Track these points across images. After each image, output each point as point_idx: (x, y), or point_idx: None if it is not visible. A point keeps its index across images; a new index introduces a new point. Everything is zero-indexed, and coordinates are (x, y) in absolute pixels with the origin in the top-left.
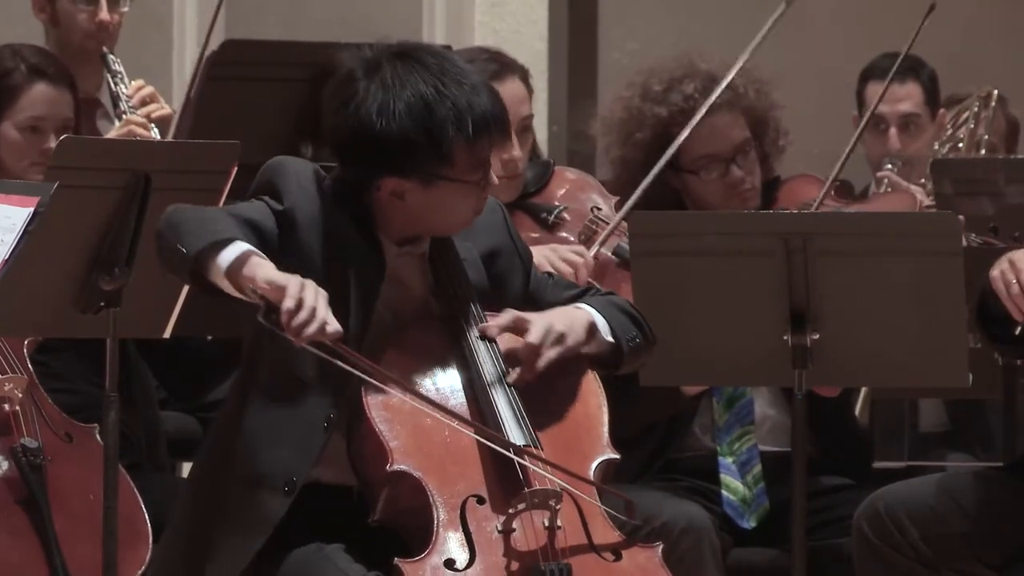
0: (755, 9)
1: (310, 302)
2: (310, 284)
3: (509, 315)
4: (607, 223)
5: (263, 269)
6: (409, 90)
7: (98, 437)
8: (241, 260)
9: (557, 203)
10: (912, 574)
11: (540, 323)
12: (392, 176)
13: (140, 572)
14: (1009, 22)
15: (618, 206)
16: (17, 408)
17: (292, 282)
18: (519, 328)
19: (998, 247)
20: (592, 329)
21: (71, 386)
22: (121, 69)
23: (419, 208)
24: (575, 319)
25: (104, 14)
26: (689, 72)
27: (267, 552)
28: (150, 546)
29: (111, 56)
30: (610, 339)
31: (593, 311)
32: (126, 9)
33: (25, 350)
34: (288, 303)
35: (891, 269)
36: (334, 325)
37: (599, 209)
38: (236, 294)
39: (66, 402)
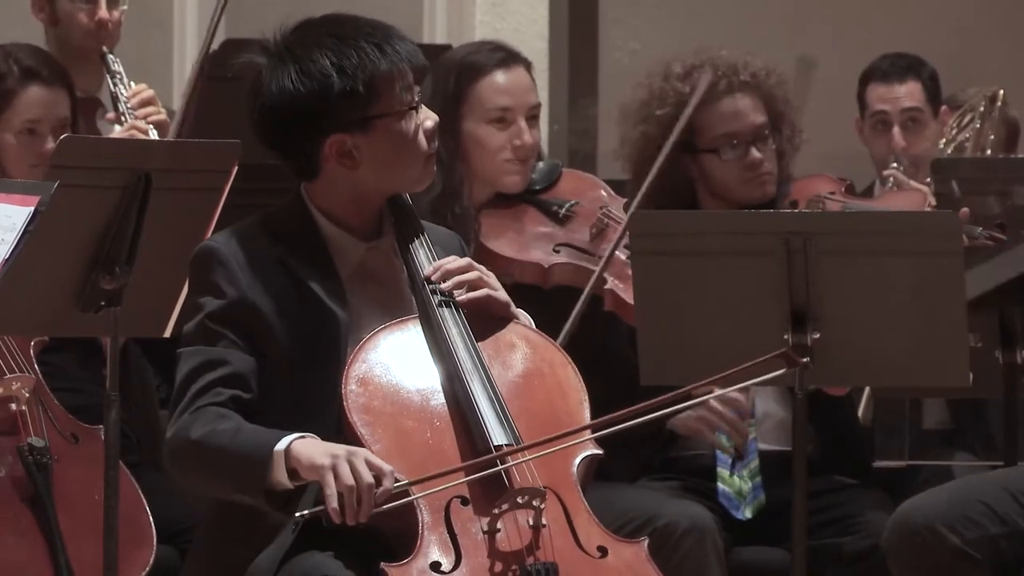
0: (755, 9)
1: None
2: (343, 461)
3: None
4: (618, 220)
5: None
6: (313, 50)
7: (103, 438)
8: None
9: (567, 199)
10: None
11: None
12: (332, 134)
13: (145, 572)
14: (1009, 22)
15: (627, 208)
16: (24, 408)
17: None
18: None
19: (1004, 242)
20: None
21: (75, 385)
22: (121, 70)
23: (371, 162)
24: (522, 312)
25: (103, 12)
26: (709, 60)
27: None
28: (154, 546)
29: (111, 56)
30: None
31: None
32: (126, 7)
33: (32, 350)
34: (332, 502)
35: (891, 269)
36: (385, 484)
37: (607, 208)
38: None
39: (70, 402)
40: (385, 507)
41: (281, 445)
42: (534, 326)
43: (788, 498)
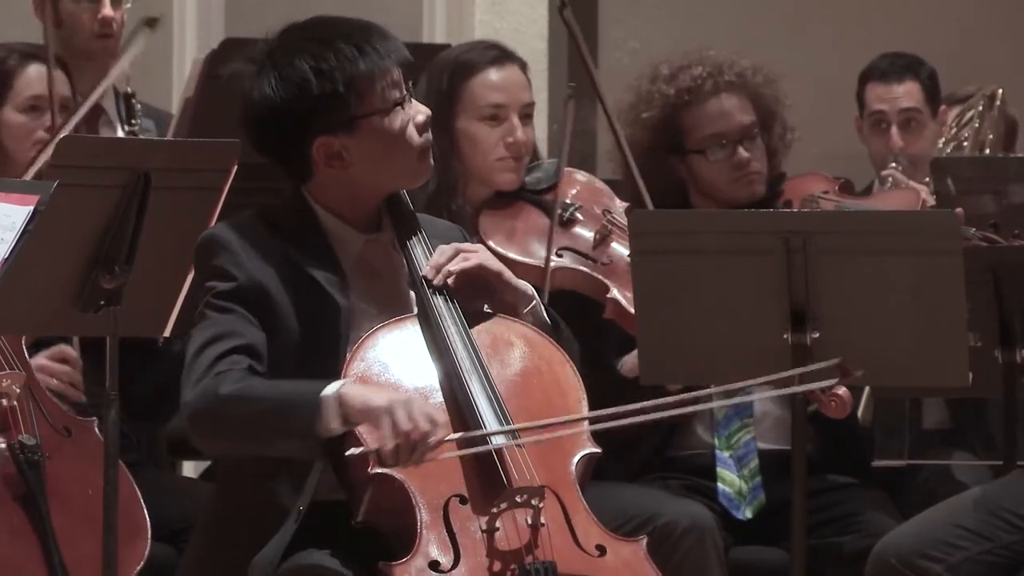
0: (755, 9)
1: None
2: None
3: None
4: (621, 225)
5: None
6: (292, 56)
7: (97, 431)
8: (341, 404)
9: (570, 201)
10: None
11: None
12: (320, 136)
13: (139, 567)
14: (1009, 22)
15: (628, 211)
16: (15, 404)
17: (383, 418)
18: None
19: (998, 243)
20: (531, 298)
21: None
22: (139, 122)
23: (361, 161)
24: (519, 281)
25: (107, 10)
26: (697, 59)
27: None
28: (149, 541)
29: (135, 101)
30: (546, 318)
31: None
32: (129, 5)
33: (23, 345)
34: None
35: (891, 268)
36: (437, 435)
37: (609, 212)
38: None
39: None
40: (433, 458)
41: (330, 390)
42: (536, 296)
43: (788, 497)
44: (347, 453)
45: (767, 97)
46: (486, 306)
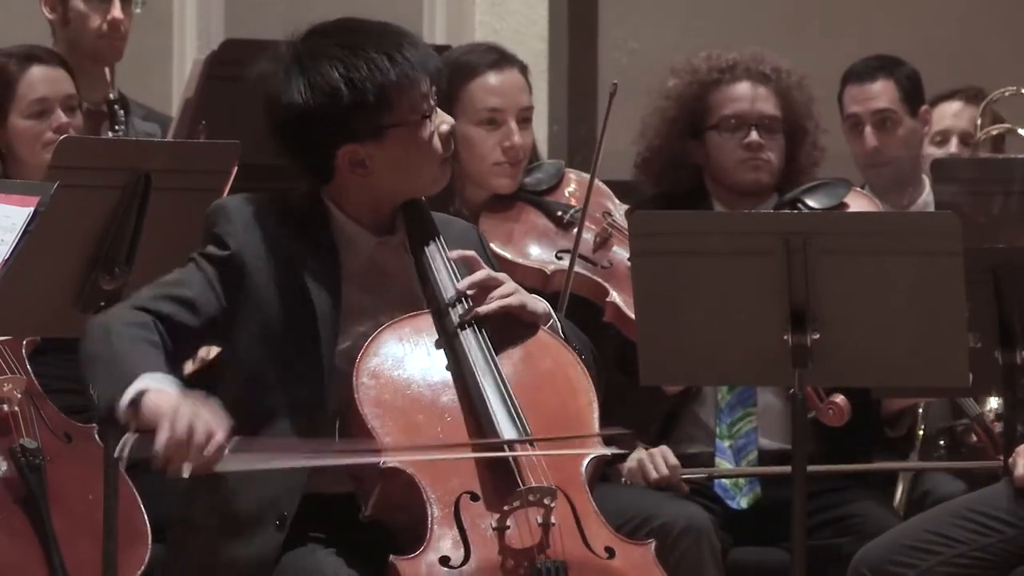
0: (755, 9)
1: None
2: (183, 415)
3: (482, 273)
4: (621, 226)
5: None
6: (321, 62)
7: (97, 437)
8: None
9: (571, 203)
10: None
11: (509, 280)
12: (345, 144)
13: (140, 572)
14: (1009, 22)
15: (628, 213)
16: (16, 409)
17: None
18: (490, 283)
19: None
20: (548, 317)
21: (74, 386)
22: (122, 129)
23: (384, 170)
24: (537, 300)
25: (117, 11)
26: (738, 50)
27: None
28: (149, 545)
29: (117, 108)
30: (563, 335)
31: (554, 312)
32: (138, 11)
33: (24, 351)
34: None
35: (891, 269)
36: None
37: (610, 215)
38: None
39: (70, 402)
40: (203, 469)
41: (148, 379)
42: (551, 311)
43: (788, 497)
44: (115, 452)
45: (798, 102)
46: None
